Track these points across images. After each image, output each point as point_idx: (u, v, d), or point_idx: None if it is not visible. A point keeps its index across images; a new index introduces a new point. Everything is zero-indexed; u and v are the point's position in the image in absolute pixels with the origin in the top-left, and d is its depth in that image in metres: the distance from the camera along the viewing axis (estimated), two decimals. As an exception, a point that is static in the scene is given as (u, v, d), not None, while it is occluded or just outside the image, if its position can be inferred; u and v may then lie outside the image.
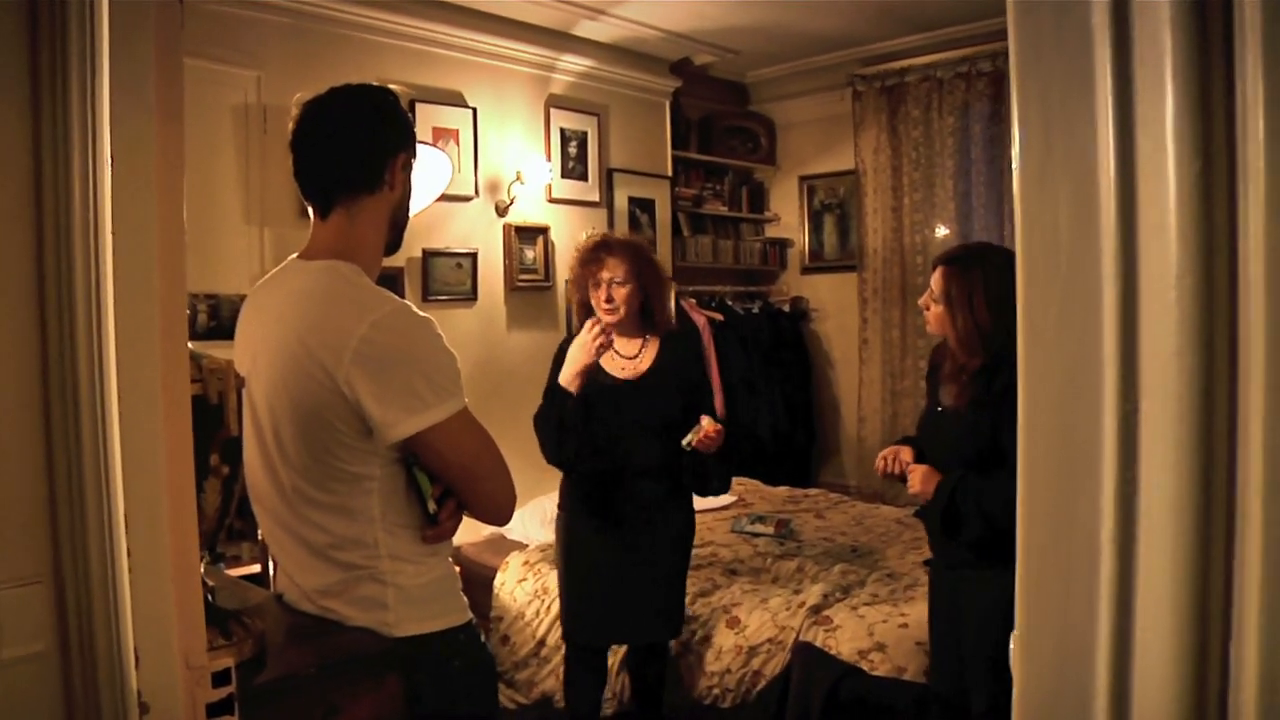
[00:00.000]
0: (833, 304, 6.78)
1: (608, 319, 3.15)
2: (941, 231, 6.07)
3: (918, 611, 3.59)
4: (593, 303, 3.21)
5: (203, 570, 1.60)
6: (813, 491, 5.82)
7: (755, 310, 6.59)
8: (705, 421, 3.06)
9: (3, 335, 1.09)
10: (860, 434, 6.41)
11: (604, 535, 3.21)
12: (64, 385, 1.09)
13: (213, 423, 1.40)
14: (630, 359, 3.25)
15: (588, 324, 3.09)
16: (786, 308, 6.83)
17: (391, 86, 1.93)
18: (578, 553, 3.28)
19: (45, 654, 1.11)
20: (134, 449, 1.10)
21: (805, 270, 6.92)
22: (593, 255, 3.19)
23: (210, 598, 1.58)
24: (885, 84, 6.20)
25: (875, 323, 6.33)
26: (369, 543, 1.71)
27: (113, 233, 1.11)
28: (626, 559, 3.19)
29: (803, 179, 6.90)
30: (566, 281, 5.42)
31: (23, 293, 1.11)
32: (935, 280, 2.70)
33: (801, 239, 6.92)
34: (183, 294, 1.16)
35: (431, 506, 1.73)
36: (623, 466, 3.16)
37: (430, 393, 1.64)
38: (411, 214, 1.99)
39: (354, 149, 1.79)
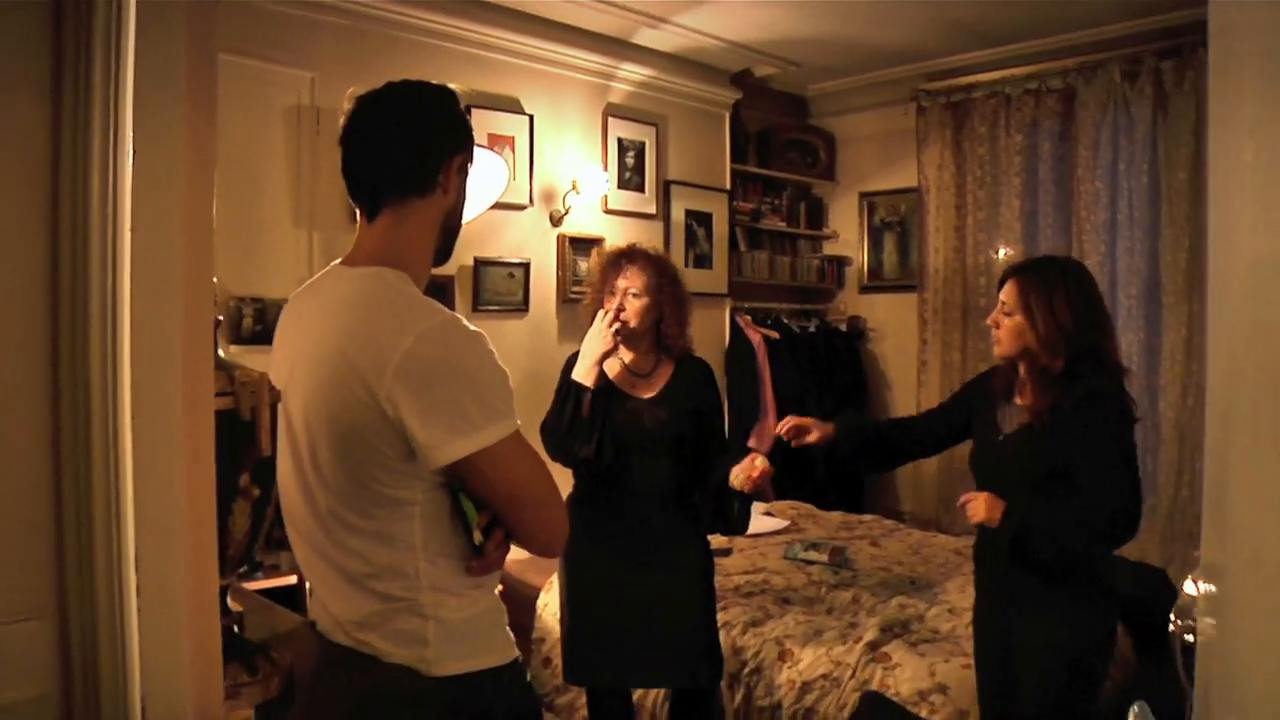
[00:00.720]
0: (891, 324, 6.60)
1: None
2: (1002, 252, 5.88)
3: (981, 650, 3.41)
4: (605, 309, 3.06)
5: (230, 595, 1.49)
6: (867, 517, 5.64)
7: (811, 329, 6.44)
8: (759, 461, 2.89)
9: (10, 343, 0.98)
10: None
11: (610, 564, 3.04)
12: (75, 395, 0.98)
13: (244, 440, 1.29)
14: (642, 377, 3.12)
15: (600, 313, 2.95)
16: (843, 327, 6.66)
17: (451, 86, 1.81)
18: (581, 585, 3.10)
19: (46, 698, 0.99)
20: (149, 470, 0.98)
21: (864, 289, 6.75)
22: (614, 261, 3.07)
23: (235, 628, 1.47)
24: (951, 100, 6.03)
25: (935, 344, 6.15)
26: (409, 573, 1.58)
27: (132, 230, 1.00)
28: (634, 592, 3.01)
29: (863, 195, 6.74)
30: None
31: (33, 296, 1.00)
32: (1009, 292, 2.67)
33: (860, 257, 6.75)
34: (209, 299, 1.04)
35: (477, 536, 1.60)
36: (623, 488, 3.02)
37: (479, 413, 1.52)
38: (465, 221, 1.87)
39: (407, 147, 1.67)
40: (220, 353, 1.47)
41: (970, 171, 5.98)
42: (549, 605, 4.30)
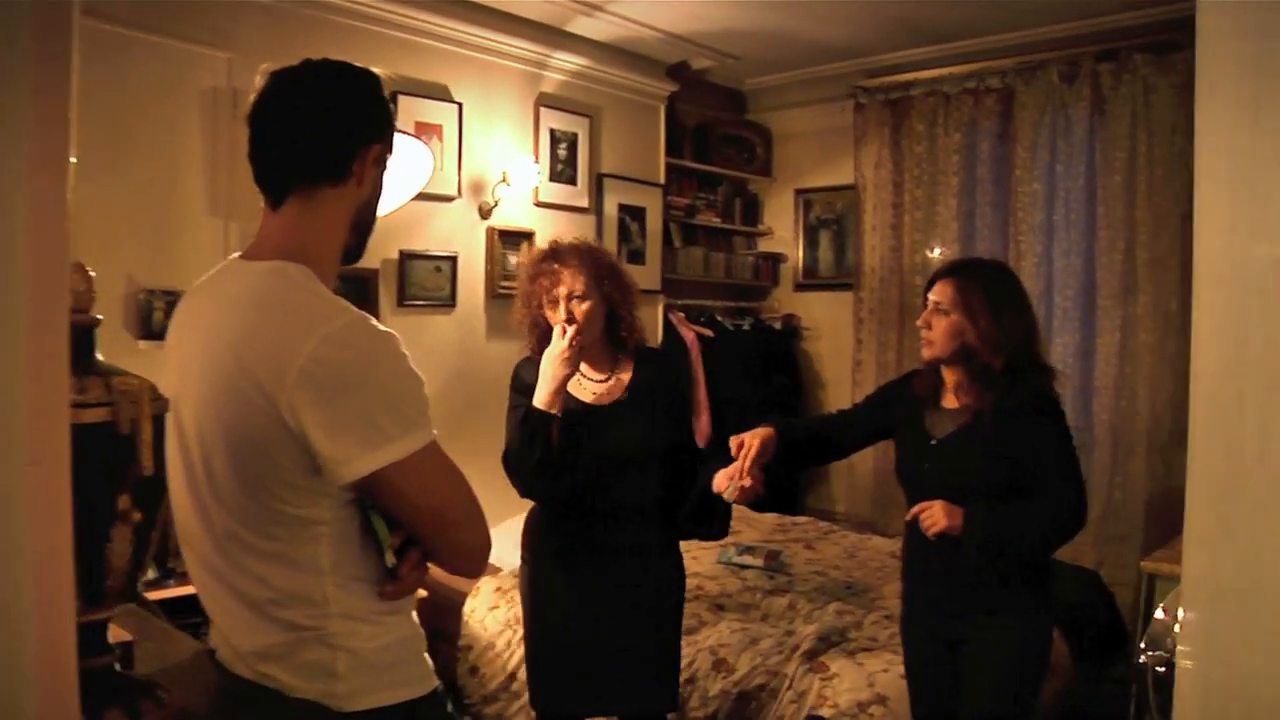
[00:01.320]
0: (826, 323, 6.52)
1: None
2: (937, 252, 5.83)
3: (920, 660, 3.33)
4: (552, 324, 2.73)
5: (112, 626, 1.33)
6: (801, 520, 5.56)
7: (746, 327, 6.33)
8: (749, 472, 2.62)
9: None
10: (851, 459, 6.11)
11: (579, 589, 2.77)
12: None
13: (123, 457, 1.13)
14: (601, 382, 2.83)
15: (558, 329, 2.64)
16: (778, 325, 6.57)
17: (375, 70, 1.65)
18: (546, 610, 2.84)
19: None
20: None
21: (799, 287, 6.67)
22: (543, 266, 2.74)
23: (118, 665, 1.31)
24: (889, 97, 5.96)
25: (870, 344, 6.08)
26: (316, 599, 1.43)
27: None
28: (605, 616, 2.76)
29: (799, 192, 6.65)
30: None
31: None
32: (943, 292, 2.62)
33: (796, 254, 6.67)
34: (63, 296, 0.88)
35: (390, 558, 1.46)
36: (598, 507, 2.74)
37: (392, 423, 1.38)
38: (380, 214, 1.72)
39: (321, 131, 1.53)
40: (99, 356, 1.31)
41: (908, 170, 5.92)
42: (475, 611, 4.16)
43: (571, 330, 2.62)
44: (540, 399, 2.63)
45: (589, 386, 2.81)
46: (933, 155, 5.83)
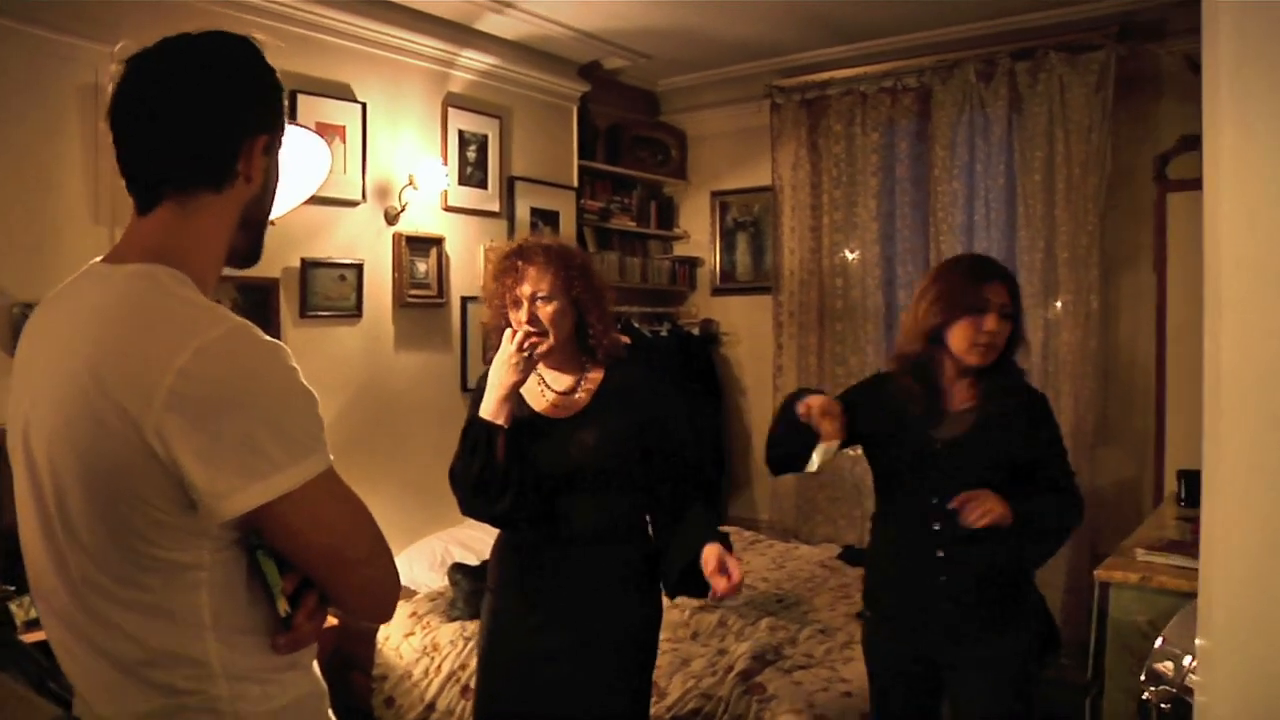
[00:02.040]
0: (745, 327, 6.39)
1: (536, 349, 2.47)
2: (851, 255, 5.73)
3: (859, 673, 3.20)
4: (514, 326, 2.50)
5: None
6: (726, 529, 5.40)
7: (663, 333, 6.17)
8: (731, 565, 2.36)
9: None
10: (773, 466, 6.01)
11: (536, 628, 2.49)
12: None
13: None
14: (565, 394, 2.56)
15: (507, 334, 2.43)
16: (696, 331, 6.42)
17: (254, 38, 1.43)
18: (502, 647, 2.55)
19: None
20: None
21: (716, 291, 6.53)
22: (508, 264, 2.51)
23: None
24: (806, 96, 5.85)
25: (791, 348, 5.96)
26: (197, 657, 1.22)
27: None
28: (564, 661, 2.46)
29: (715, 194, 6.52)
30: (467, 299, 5.01)
31: None
32: (1004, 294, 2.45)
33: (713, 258, 6.53)
34: None
35: (283, 606, 1.25)
36: (558, 534, 2.47)
37: (279, 448, 1.17)
38: (276, 213, 1.51)
39: (194, 127, 1.28)
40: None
41: (826, 170, 5.81)
42: (390, 638, 3.93)
43: (520, 334, 2.39)
44: (486, 408, 2.41)
45: (550, 398, 2.56)
46: (851, 155, 5.73)
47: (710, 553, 2.38)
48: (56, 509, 1.21)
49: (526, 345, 2.39)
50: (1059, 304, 5.04)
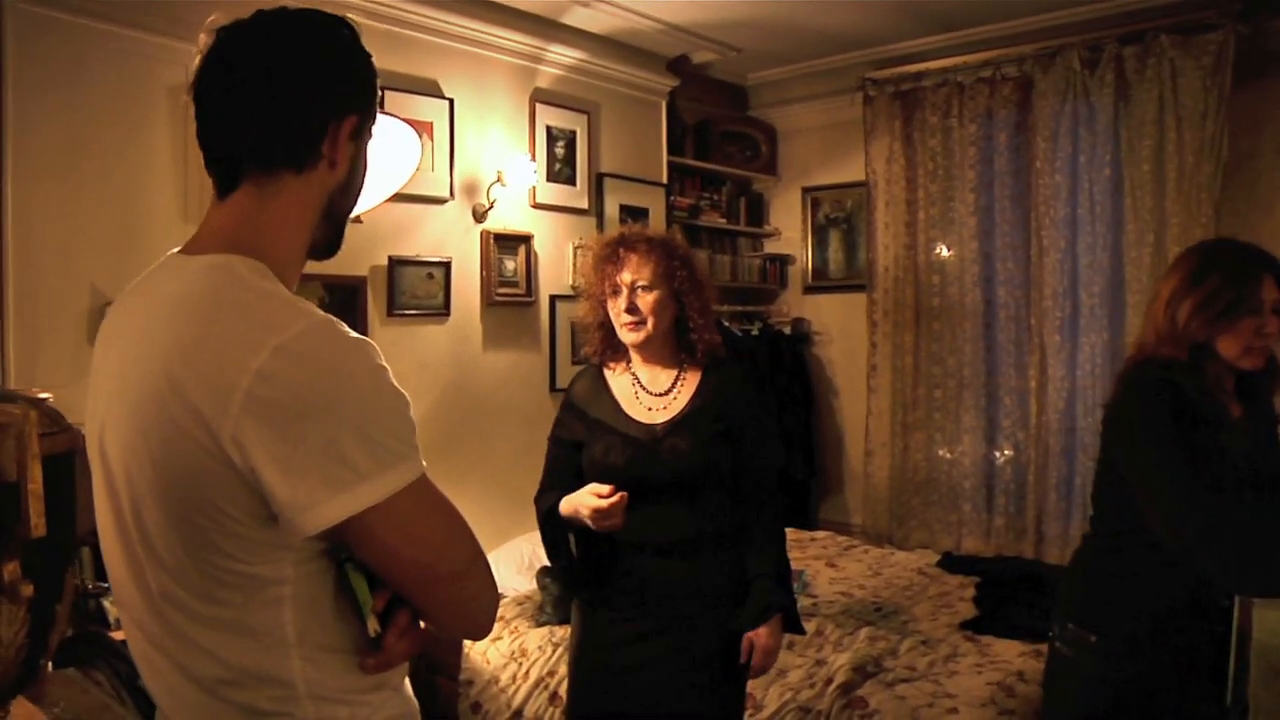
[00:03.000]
0: (837, 326, 6.23)
1: (630, 337, 2.42)
2: (948, 251, 5.55)
3: (966, 689, 3.06)
4: (611, 315, 2.46)
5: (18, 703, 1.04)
6: (820, 534, 5.28)
7: (754, 332, 6.04)
8: (757, 659, 2.38)
9: None
10: (867, 469, 5.86)
11: (629, 633, 2.41)
12: None
13: (7, 513, 0.83)
14: (661, 396, 2.47)
15: (593, 499, 2.29)
16: (787, 330, 6.28)
17: (350, 18, 1.34)
18: (593, 655, 2.48)
19: None
20: None
21: (808, 289, 6.38)
22: (610, 252, 2.45)
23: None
24: (899, 88, 5.67)
25: (885, 348, 5.78)
26: (281, 677, 1.14)
27: None
28: (651, 671, 2.38)
29: (806, 190, 6.37)
30: (555, 297, 4.93)
31: None
32: (1273, 289, 2.19)
33: (804, 255, 6.38)
34: None
35: (372, 625, 1.16)
36: (645, 541, 2.38)
37: (366, 456, 1.07)
38: (362, 206, 1.42)
39: (279, 102, 1.20)
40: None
41: (921, 164, 5.63)
42: (477, 643, 3.86)
43: (617, 499, 2.26)
44: (566, 506, 2.38)
45: (646, 401, 2.48)
46: (947, 148, 5.54)
47: (746, 644, 2.39)
48: (133, 519, 1.14)
49: (609, 513, 2.28)
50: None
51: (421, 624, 1.23)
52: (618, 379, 2.52)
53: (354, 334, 1.11)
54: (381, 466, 1.07)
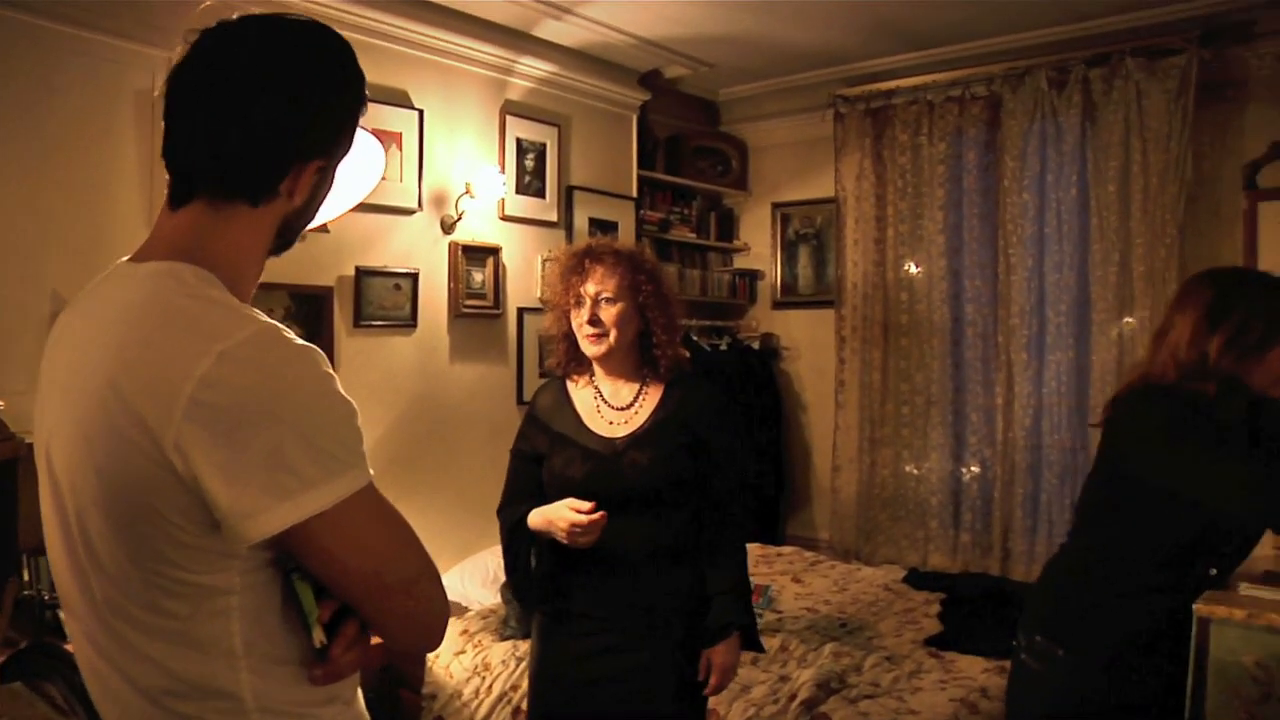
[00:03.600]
0: (806, 342, 6.25)
1: (592, 349, 2.40)
2: (917, 268, 5.57)
3: (929, 705, 3.06)
4: (573, 326, 2.44)
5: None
6: (786, 550, 5.27)
7: (723, 347, 6.04)
8: (714, 680, 2.39)
9: None
10: (834, 484, 5.86)
11: (589, 647, 2.39)
12: None
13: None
14: (622, 410, 2.46)
15: (570, 513, 2.29)
16: (756, 345, 6.29)
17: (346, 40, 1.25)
18: (553, 669, 2.46)
19: None
20: None
21: (777, 305, 6.39)
22: (576, 263, 2.44)
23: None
24: (870, 105, 5.71)
25: (854, 364, 5.80)
26: (228, 689, 1.12)
27: None
28: (610, 687, 2.36)
29: (776, 206, 6.39)
30: (524, 310, 4.92)
31: None
32: None
33: (773, 271, 6.40)
34: None
35: (318, 636, 1.14)
36: (604, 555, 2.33)
37: (310, 463, 1.05)
38: (324, 217, 1.39)
39: (245, 135, 1.14)
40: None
41: (891, 181, 5.66)
42: (440, 656, 3.83)
43: (597, 517, 2.27)
44: (535, 523, 2.38)
45: (607, 415, 2.46)
46: (917, 166, 5.58)
47: (704, 661, 2.39)
48: (78, 529, 1.11)
49: (587, 530, 2.28)
50: (1134, 319, 4.86)
51: (372, 636, 1.21)
52: (580, 392, 2.51)
53: (300, 341, 1.09)
54: (327, 474, 1.05)
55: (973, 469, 5.43)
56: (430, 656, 3.85)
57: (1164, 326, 2.27)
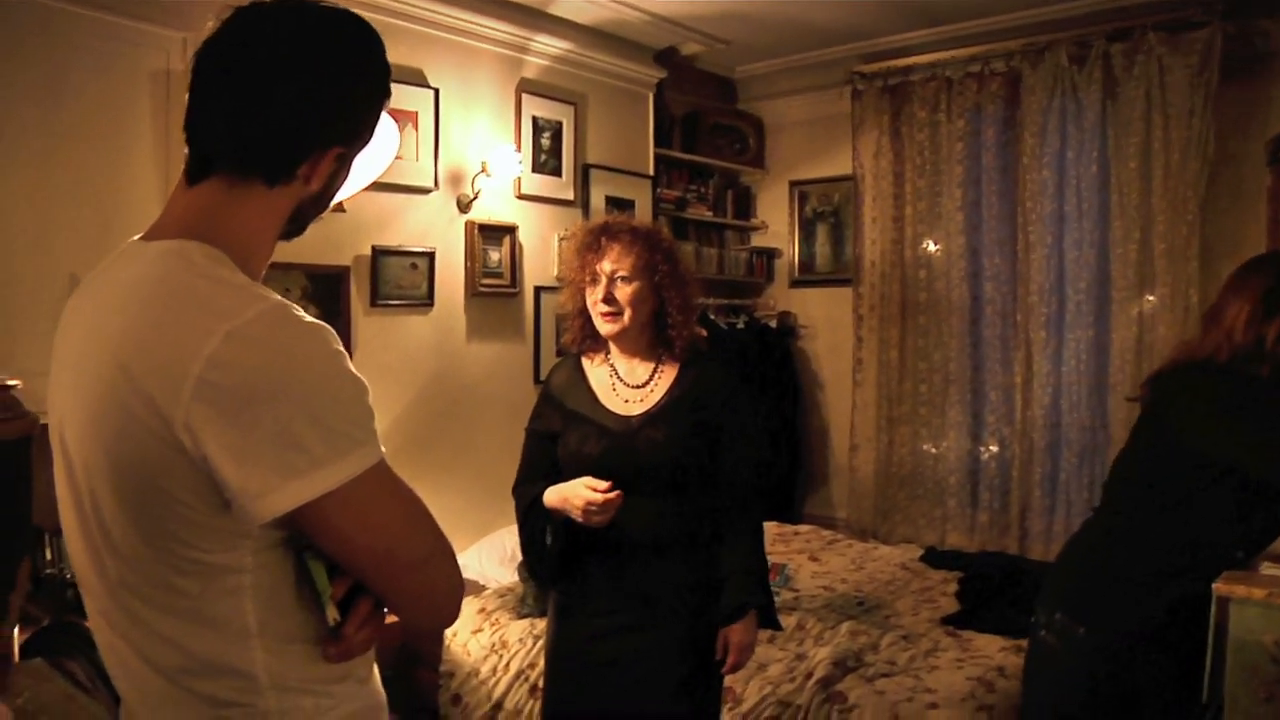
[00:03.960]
0: (824, 320, 6.22)
1: (607, 327, 2.40)
2: (935, 246, 5.54)
3: (945, 684, 3.05)
4: (588, 304, 2.43)
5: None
6: (804, 529, 5.27)
7: (740, 325, 6.03)
8: (731, 656, 2.39)
9: None
10: (852, 463, 5.85)
11: (602, 627, 2.40)
12: None
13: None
14: (637, 388, 2.46)
15: (587, 491, 2.28)
16: (773, 323, 6.27)
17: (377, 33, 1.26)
18: (568, 649, 2.47)
19: None
20: None
21: (794, 283, 6.37)
22: (592, 240, 2.43)
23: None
24: (888, 83, 5.66)
25: (871, 342, 5.78)
26: (242, 668, 1.12)
27: None
28: (632, 661, 2.37)
29: (793, 184, 6.35)
30: (540, 288, 4.92)
31: None
32: None
33: (791, 249, 6.37)
34: None
35: (332, 614, 1.14)
36: (620, 534, 2.33)
37: (320, 442, 1.05)
38: (340, 197, 1.39)
39: (268, 117, 1.15)
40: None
41: (909, 159, 5.62)
42: (457, 634, 3.85)
43: (613, 496, 2.27)
44: (551, 497, 2.38)
45: (622, 393, 2.46)
46: (935, 143, 5.54)
47: (721, 640, 2.40)
48: (91, 508, 1.12)
49: (603, 508, 2.28)
50: (1154, 297, 4.82)
51: (387, 613, 1.21)
52: (595, 370, 2.51)
53: (309, 319, 1.09)
54: (336, 453, 1.05)
55: (991, 448, 5.40)
56: (448, 634, 3.87)
57: (1217, 307, 2.28)
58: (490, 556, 4.38)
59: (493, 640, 3.75)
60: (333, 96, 1.18)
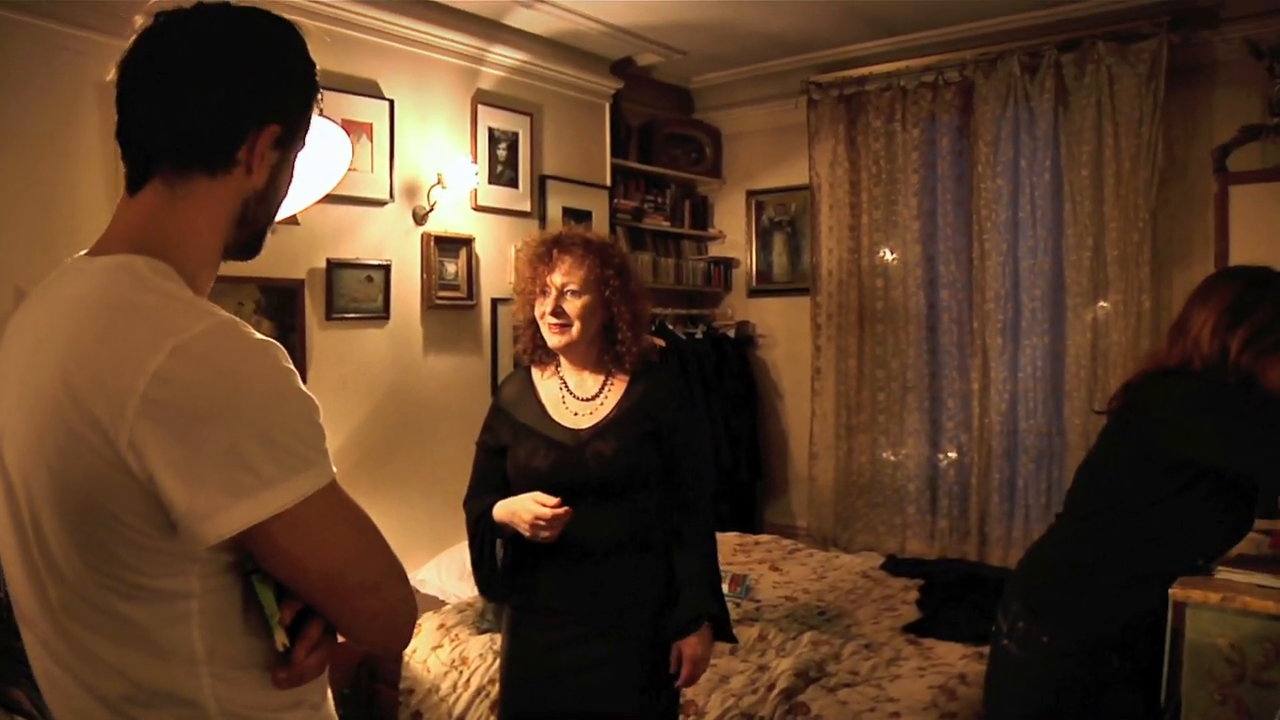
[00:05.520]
0: (782, 329, 6.24)
1: (554, 340, 2.39)
2: (891, 255, 5.57)
3: (908, 692, 3.06)
4: (536, 316, 2.42)
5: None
6: (764, 538, 5.27)
7: (698, 335, 6.03)
8: (685, 671, 2.37)
9: None
10: (812, 471, 5.86)
11: (557, 639, 2.39)
12: None
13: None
14: (587, 401, 2.45)
15: (535, 506, 2.27)
16: (732, 333, 6.27)
17: (299, 23, 1.27)
18: (523, 660, 2.46)
19: None
20: None
21: (752, 292, 6.37)
22: (544, 251, 2.41)
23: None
24: (844, 92, 5.69)
25: (829, 351, 5.79)
26: (189, 696, 1.09)
27: None
28: (588, 672, 2.35)
29: (750, 194, 6.36)
30: (497, 300, 4.89)
31: None
32: None
33: (748, 258, 6.38)
34: None
35: (280, 638, 1.11)
36: (570, 545, 2.31)
37: (269, 461, 1.02)
38: (291, 208, 1.37)
39: (197, 100, 1.14)
40: None
41: (865, 168, 5.65)
42: (417, 651, 3.81)
43: (561, 512, 2.25)
44: (500, 515, 2.35)
45: (571, 406, 2.45)
46: (890, 152, 5.57)
47: (675, 653, 2.38)
48: (33, 531, 1.09)
49: (548, 525, 2.26)
50: (1108, 304, 4.87)
51: (338, 637, 1.18)
52: (546, 383, 2.50)
53: (258, 335, 1.06)
54: (286, 472, 1.03)
55: (949, 455, 5.44)
56: (407, 651, 3.82)
57: (1183, 318, 2.29)
58: (450, 571, 4.34)
59: (453, 656, 3.71)
60: (261, 73, 1.19)
